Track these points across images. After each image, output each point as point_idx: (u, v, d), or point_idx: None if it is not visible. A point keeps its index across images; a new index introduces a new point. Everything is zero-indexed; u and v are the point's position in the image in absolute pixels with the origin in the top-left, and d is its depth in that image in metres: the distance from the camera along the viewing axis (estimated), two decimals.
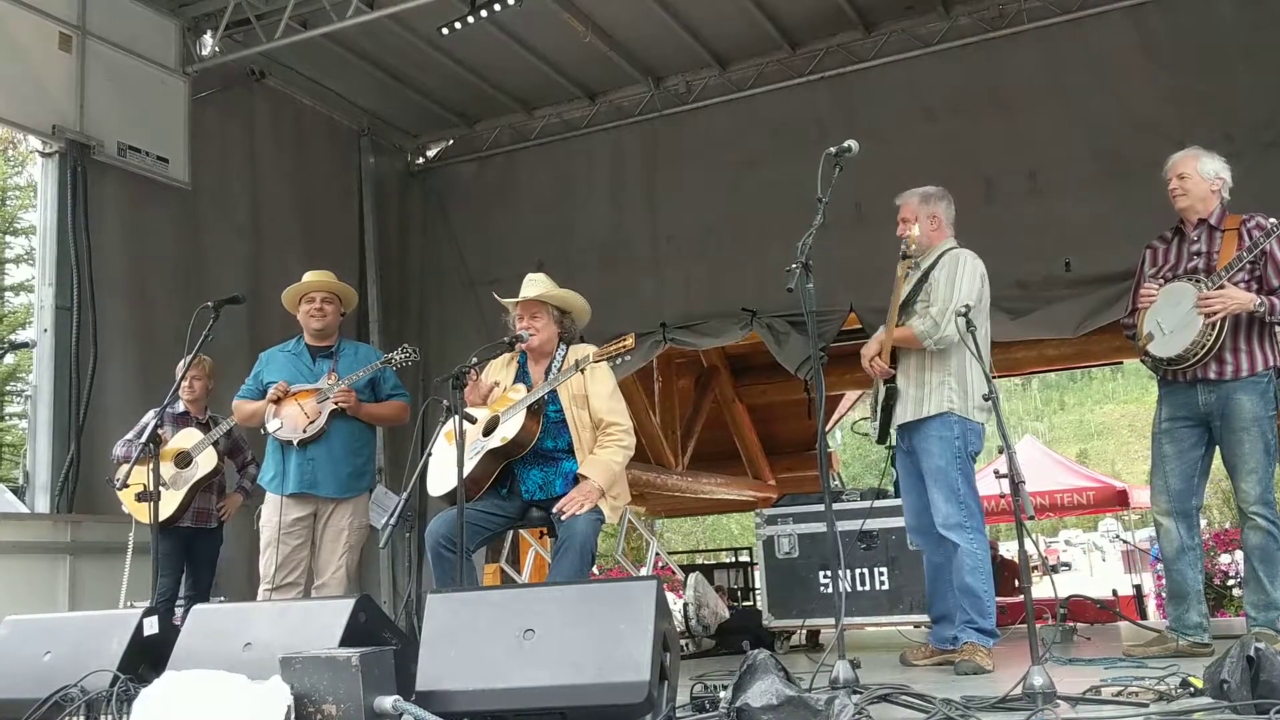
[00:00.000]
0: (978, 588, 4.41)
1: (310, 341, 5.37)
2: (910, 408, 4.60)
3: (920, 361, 4.59)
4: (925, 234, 4.69)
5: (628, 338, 4.43)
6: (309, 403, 5.09)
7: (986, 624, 4.41)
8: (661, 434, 13.33)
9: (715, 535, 32.53)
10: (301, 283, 5.36)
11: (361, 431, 5.31)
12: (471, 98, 9.05)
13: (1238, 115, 6.71)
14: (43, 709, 3.30)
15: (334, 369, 5.23)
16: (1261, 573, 4.42)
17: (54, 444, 6.54)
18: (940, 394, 4.53)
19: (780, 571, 6.22)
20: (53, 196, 6.80)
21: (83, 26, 6.98)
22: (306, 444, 5.08)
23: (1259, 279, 4.39)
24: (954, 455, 4.48)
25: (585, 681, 2.75)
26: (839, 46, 8.12)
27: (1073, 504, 16.17)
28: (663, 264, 8.45)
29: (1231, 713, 2.68)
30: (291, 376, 5.22)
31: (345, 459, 5.20)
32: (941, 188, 4.86)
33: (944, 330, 4.44)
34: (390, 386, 5.39)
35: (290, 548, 5.11)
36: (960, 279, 4.52)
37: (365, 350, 5.54)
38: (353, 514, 5.23)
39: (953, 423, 4.49)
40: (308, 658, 2.76)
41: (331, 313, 5.33)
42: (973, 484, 4.52)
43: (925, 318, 4.52)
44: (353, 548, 5.22)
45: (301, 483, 5.10)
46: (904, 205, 4.81)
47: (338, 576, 5.13)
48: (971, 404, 4.49)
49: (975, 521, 4.47)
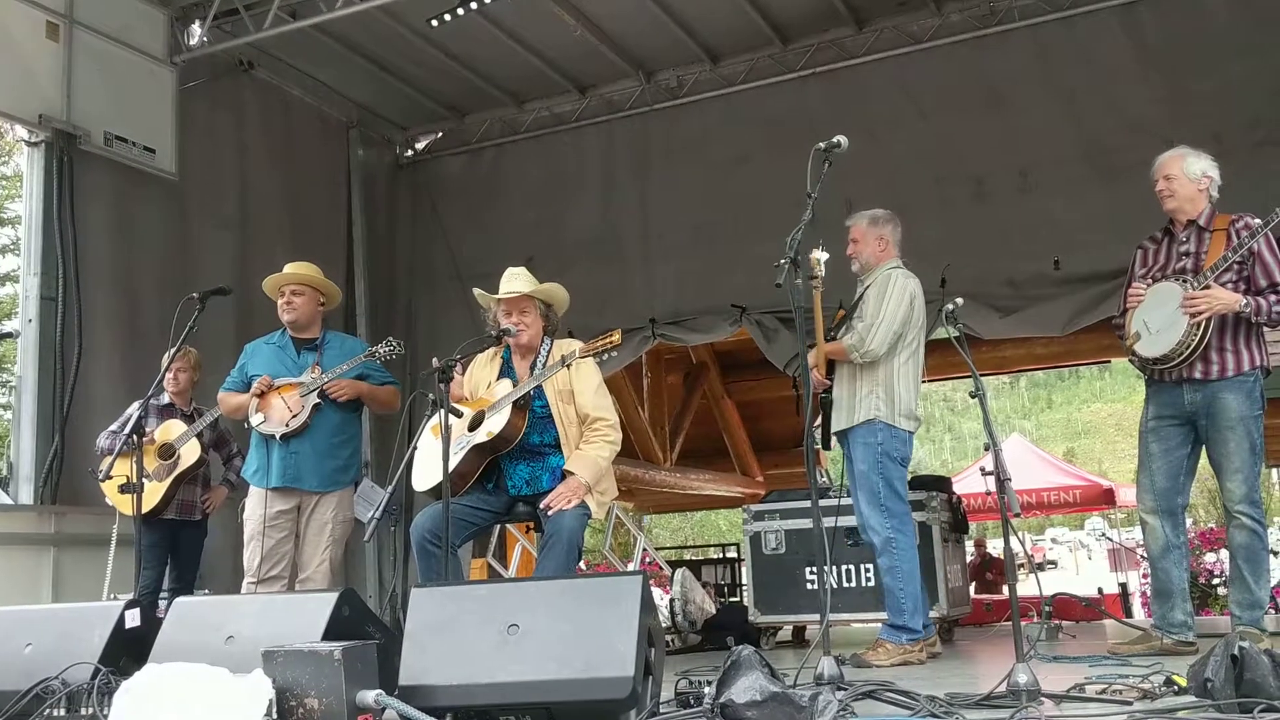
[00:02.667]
0: (893, 586, 4.71)
1: (291, 334, 5.32)
2: (844, 415, 4.86)
3: (852, 372, 4.87)
4: (873, 254, 4.98)
5: (614, 334, 4.42)
6: (292, 396, 5.05)
7: (899, 619, 4.68)
8: (650, 430, 13.32)
9: (703, 531, 32.61)
10: (279, 274, 5.31)
11: (346, 425, 5.27)
12: (461, 90, 9.02)
13: (1227, 115, 6.72)
14: (23, 701, 3.28)
15: (318, 362, 5.19)
16: (1246, 571, 4.43)
17: (38, 435, 6.51)
18: (869, 403, 4.79)
19: (767, 568, 6.22)
20: (39, 186, 6.75)
21: (70, 15, 6.94)
22: (290, 437, 5.04)
23: (1246, 279, 4.40)
24: (875, 460, 4.75)
25: (570, 676, 2.74)
26: (830, 42, 8.11)
27: (1059, 502, 16.22)
28: (652, 259, 8.44)
29: (1215, 711, 2.68)
30: (276, 369, 5.17)
31: (329, 452, 5.16)
32: (890, 211, 5.08)
33: (869, 345, 4.73)
34: (379, 378, 5.36)
35: (274, 541, 5.07)
36: (889, 298, 4.79)
37: (351, 342, 5.49)
38: (337, 507, 5.18)
39: (877, 429, 4.76)
40: (290, 651, 2.74)
41: (302, 305, 5.24)
42: (895, 487, 4.75)
43: (853, 332, 4.80)
44: (337, 541, 5.18)
45: (285, 476, 5.07)
46: (854, 227, 5.08)
47: (322, 570, 5.10)
48: (898, 412, 4.77)
49: (894, 523, 4.70)
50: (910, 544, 4.76)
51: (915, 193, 7.29)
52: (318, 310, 5.34)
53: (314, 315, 5.32)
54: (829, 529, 4.79)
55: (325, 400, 5.10)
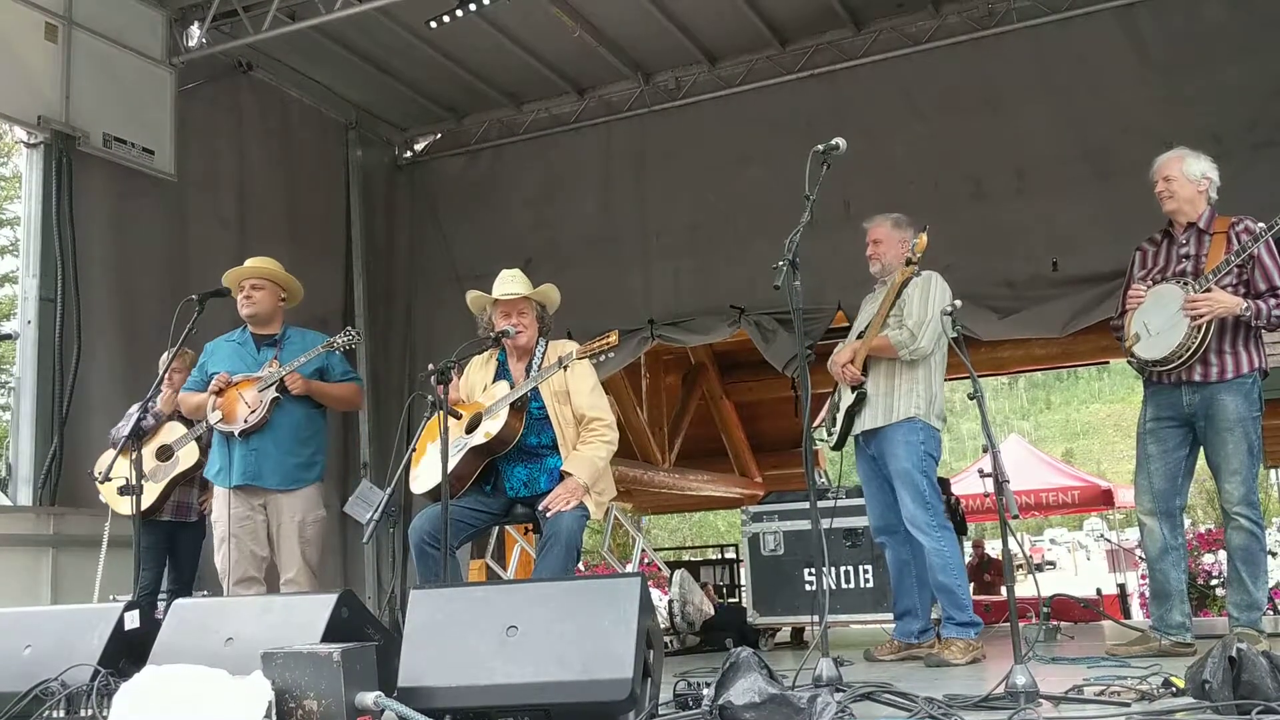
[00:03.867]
0: (950, 584, 4.68)
1: (252, 329, 5.23)
2: (879, 414, 4.82)
3: (890, 370, 4.83)
4: (896, 257, 4.96)
5: (610, 335, 4.43)
6: (250, 392, 4.95)
7: (964, 616, 4.65)
8: (649, 430, 13.33)
9: (702, 532, 32.59)
10: (239, 268, 5.24)
11: (309, 421, 5.15)
12: (460, 92, 9.02)
13: (1226, 116, 6.72)
14: (22, 702, 3.28)
15: (276, 357, 5.08)
16: (1244, 573, 4.44)
17: (37, 436, 6.50)
18: (908, 400, 4.77)
19: (765, 569, 6.21)
20: (37, 187, 6.75)
21: (69, 16, 6.93)
22: (250, 434, 4.94)
23: (1246, 282, 4.39)
24: (919, 458, 4.73)
25: (568, 678, 2.74)
26: (829, 44, 8.11)
27: (1058, 503, 16.25)
28: (651, 260, 8.44)
29: (1213, 713, 2.69)
30: (235, 366, 5.08)
31: (291, 449, 5.04)
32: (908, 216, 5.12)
33: (920, 341, 4.72)
34: (340, 372, 5.24)
35: (244, 542, 5.00)
36: (932, 299, 4.79)
37: (311, 336, 5.30)
38: (304, 505, 5.06)
39: (918, 428, 4.75)
40: (289, 653, 2.74)
41: (261, 299, 5.15)
42: (935, 486, 4.77)
43: (902, 329, 4.75)
44: (309, 541, 5.04)
45: (245, 474, 4.97)
46: (875, 229, 5.07)
47: (303, 571, 5.00)
48: (934, 412, 4.80)
49: (940, 519, 4.70)
50: (954, 538, 4.80)
51: (913, 194, 7.29)
52: (278, 305, 5.24)
53: (274, 310, 5.22)
54: (827, 530, 4.81)
55: (285, 396, 4.98)
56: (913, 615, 4.92)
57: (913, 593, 4.91)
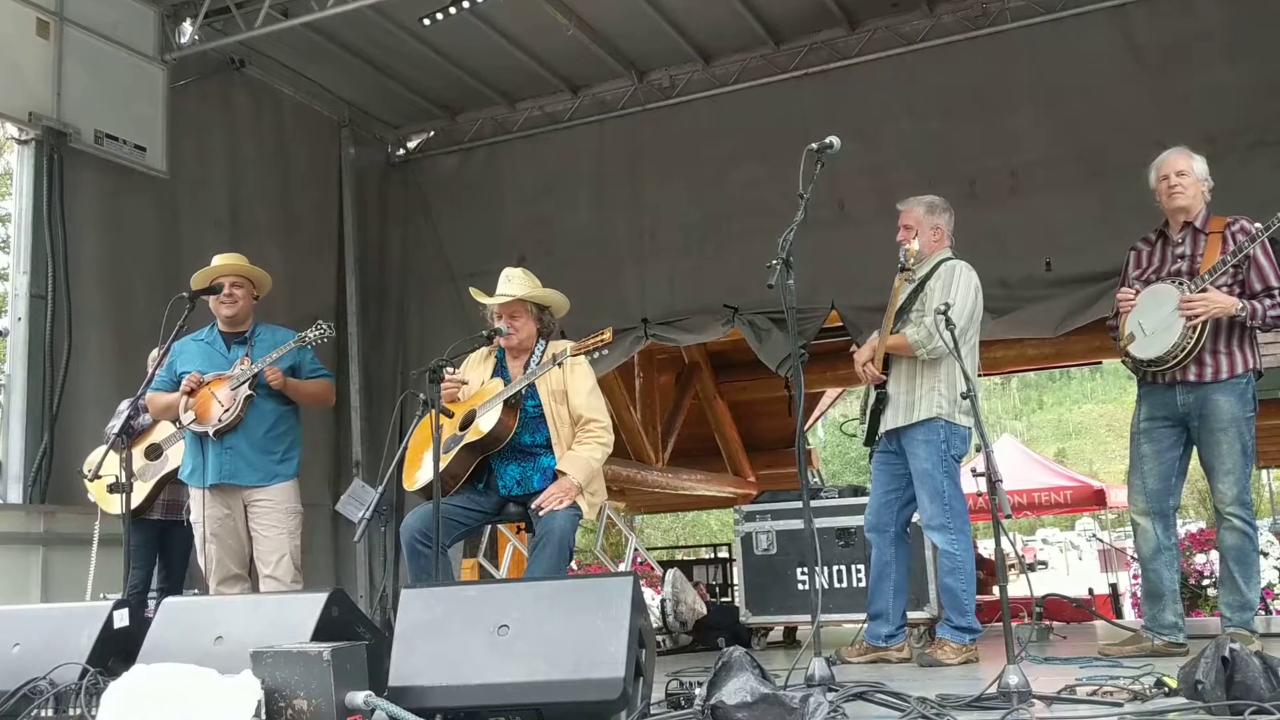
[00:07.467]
0: (956, 587, 4.60)
1: (223, 328, 5.20)
2: (901, 413, 4.71)
3: (912, 368, 4.70)
4: (927, 243, 4.80)
5: (605, 332, 4.41)
6: (222, 390, 4.91)
7: (962, 621, 4.58)
8: (642, 430, 13.32)
9: (695, 531, 32.57)
10: (210, 266, 5.18)
11: (283, 418, 5.13)
12: (453, 89, 9.00)
13: (1219, 116, 6.72)
14: (11, 701, 3.27)
15: (247, 354, 5.04)
16: (1237, 573, 4.44)
17: (27, 434, 6.47)
18: (930, 400, 4.65)
19: (758, 568, 6.21)
20: (28, 184, 6.72)
21: (60, 12, 6.89)
22: (224, 433, 4.91)
23: (1241, 282, 4.40)
24: (940, 459, 4.61)
25: (560, 678, 2.74)
26: (823, 43, 8.10)
27: (1050, 503, 16.26)
28: (645, 259, 8.42)
29: (1206, 713, 2.69)
30: (205, 366, 5.05)
31: (266, 446, 5.02)
32: (944, 199, 4.95)
33: (937, 340, 4.45)
34: (310, 369, 5.22)
35: (225, 541, 4.99)
36: (955, 290, 4.61)
37: (282, 333, 5.24)
38: (283, 502, 5.04)
39: (939, 427, 4.63)
40: (279, 652, 2.73)
41: (242, 298, 5.13)
42: (958, 486, 4.66)
43: (920, 326, 4.61)
44: (291, 534, 5.03)
45: (221, 473, 4.94)
46: (907, 212, 4.90)
47: (284, 566, 4.97)
48: (959, 410, 4.61)
49: (958, 523, 4.60)
50: (969, 544, 4.71)
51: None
52: (253, 302, 5.24)
53: (250, 307, 5.22)
54: (820, 530, 4.78)
55: (259, 392, 4.95)
56: (884, 619, 4.81)
57: (887, 596, 4.81)
